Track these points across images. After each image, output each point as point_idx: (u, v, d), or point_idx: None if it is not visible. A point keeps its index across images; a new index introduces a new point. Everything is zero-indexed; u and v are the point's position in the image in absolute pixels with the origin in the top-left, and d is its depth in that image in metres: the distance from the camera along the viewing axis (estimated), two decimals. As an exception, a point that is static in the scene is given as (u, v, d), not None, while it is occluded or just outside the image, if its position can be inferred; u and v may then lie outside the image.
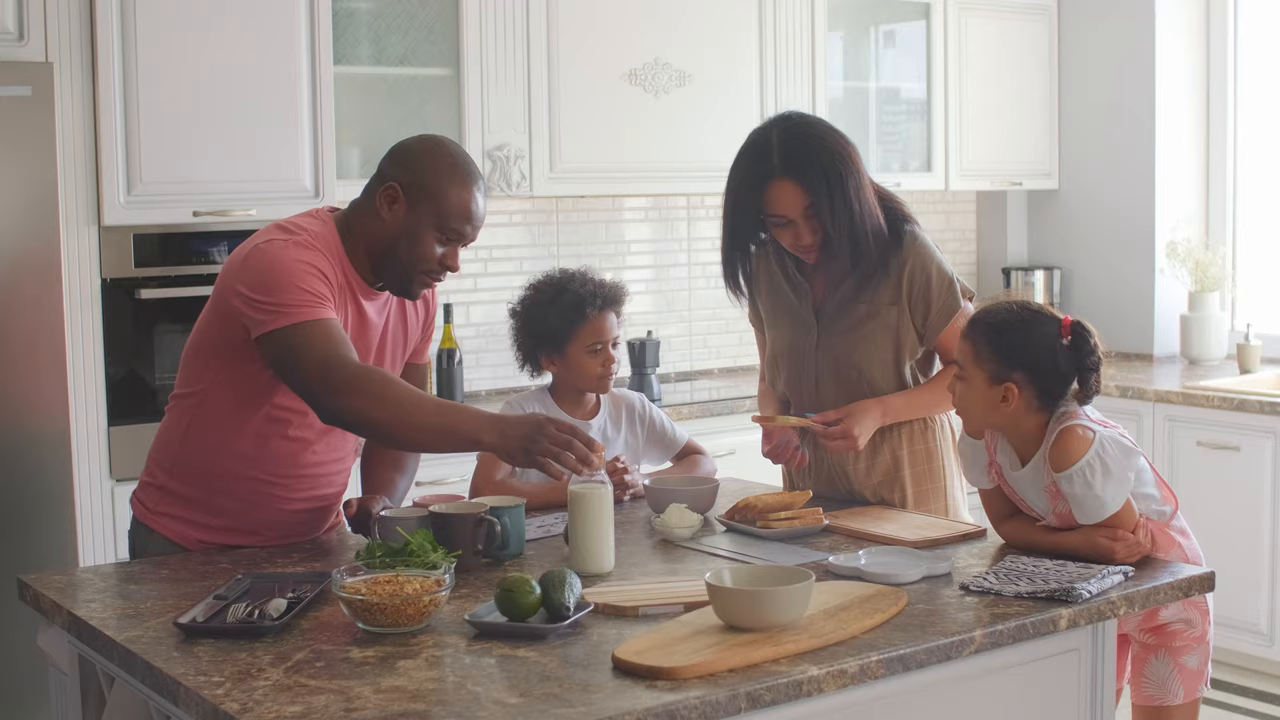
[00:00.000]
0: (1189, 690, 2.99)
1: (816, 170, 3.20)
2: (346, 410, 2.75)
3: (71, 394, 4.17)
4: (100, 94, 4.24)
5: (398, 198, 2.91)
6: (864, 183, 3.26)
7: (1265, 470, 5.22)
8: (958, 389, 2.94)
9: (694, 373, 5.99)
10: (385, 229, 2.93)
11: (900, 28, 6.23)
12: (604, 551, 2.81)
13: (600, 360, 3.43)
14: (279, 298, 2.79)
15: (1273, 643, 5.24)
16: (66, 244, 4.17)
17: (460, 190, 2.91)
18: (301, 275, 2.81)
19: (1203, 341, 6.06)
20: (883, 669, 2.30)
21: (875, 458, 3.39)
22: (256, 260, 2.85)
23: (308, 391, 2.79)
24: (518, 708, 2.06)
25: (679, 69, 5.41)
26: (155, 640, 2.39)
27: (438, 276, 2.98)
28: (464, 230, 2.93)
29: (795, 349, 3.44)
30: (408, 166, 2.94)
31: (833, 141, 3.26)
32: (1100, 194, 6.49)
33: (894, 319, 3.34)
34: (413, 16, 4.91)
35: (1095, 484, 2.75)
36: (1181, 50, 6.27)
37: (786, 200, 3.23)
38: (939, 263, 3.36)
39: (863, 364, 3.35)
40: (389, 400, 2.73)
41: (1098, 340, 2.88)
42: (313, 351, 2.76)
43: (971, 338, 2.91)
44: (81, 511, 4.20)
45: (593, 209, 5.69)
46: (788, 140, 3.24)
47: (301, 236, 2.89)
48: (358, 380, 2.74)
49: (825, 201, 3.20)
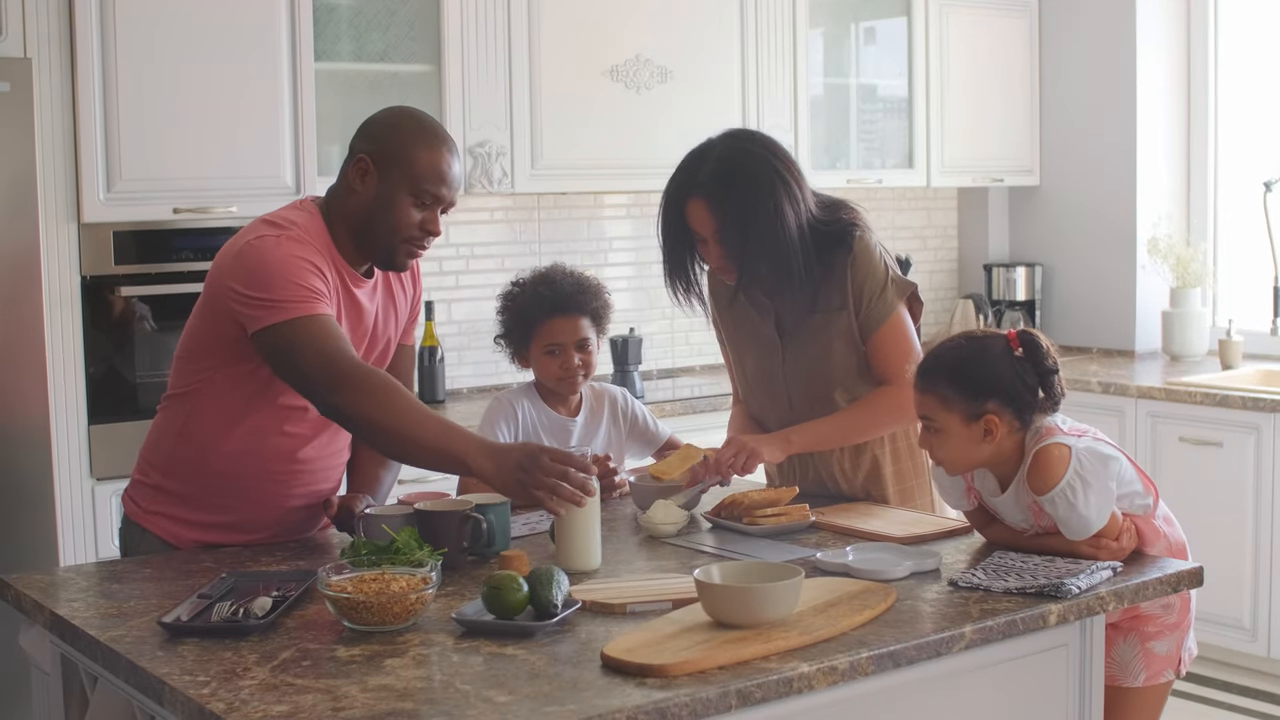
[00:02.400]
0: (1151, 675, 2.97)
1: (731, 195, 3.15)
2: (349, 405, 2.74)
3: (51, 392, 4.14)
4: (79, 90, 4.22)
5: (369, 169, 2.92)
6: (786, 209, 3.16)
7: (1247, 466, 5.23)
8: (932, 443, 2.85)
9: (676, 370, 5.98)
10: (361, 202, 2.93)
11: (881, 24, 6.23)
12: (592, 549, 2.79)
13: (558, 362, 3.41)
14: (275, 293, 2.77)
15: (1255, 638, 5.25)
16: (46, 241, 4.15)
17: (429, 153, 2.91)
18: (296, 270, 2.80)
19: (1184, 337, 6.07)
20: (873, 665, 2.29)
21: (859, 458, 3.38)
22: (249, 257, 2.83)
23: (308, 385, 2.78)
24: (507, 706, 2.05)
25: (660, 65, 5.40)
26: (139, 640, 2.37)
27: (421, 243, 2.97)
28: (439, 192, 2.92)
29: (764, 372, 3.41)
30: (374, 137, 2.95)
31: (760, 166, 3.18)
32: (1081, 190, 6.50)
33: (845, 323, 3.30)
34: (394, 13, 4.89)
35: (1078, 503, 2.72)
36: (1162, 46, 6.29)
37: (698, 219, 3.21)
38: (876, 265, 3.28)
39: (830, 374, 3.32)
40: (394, 406, 2.72)
41: (1047, 344, 2.86)
42: (313, 345, 2.75)
43: (932, 387, 2.83)
44: (62, 511, 4.18)
45: (574, 206, 5.68)
46: (718, 159, 3.19)
47: (293, 231, 2.87)
48: (360, 377, 2.74)
49: (733, 227, 3.16)
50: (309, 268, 2.82)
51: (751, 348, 3.44)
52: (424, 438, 2.72)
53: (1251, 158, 6.21)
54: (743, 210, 3.15)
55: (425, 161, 2.90)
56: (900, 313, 3.30)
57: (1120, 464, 2.84)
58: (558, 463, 2.67)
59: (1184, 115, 6.38)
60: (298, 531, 3.07)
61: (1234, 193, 6.32)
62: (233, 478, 2.96)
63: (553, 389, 3.47)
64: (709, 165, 3.19)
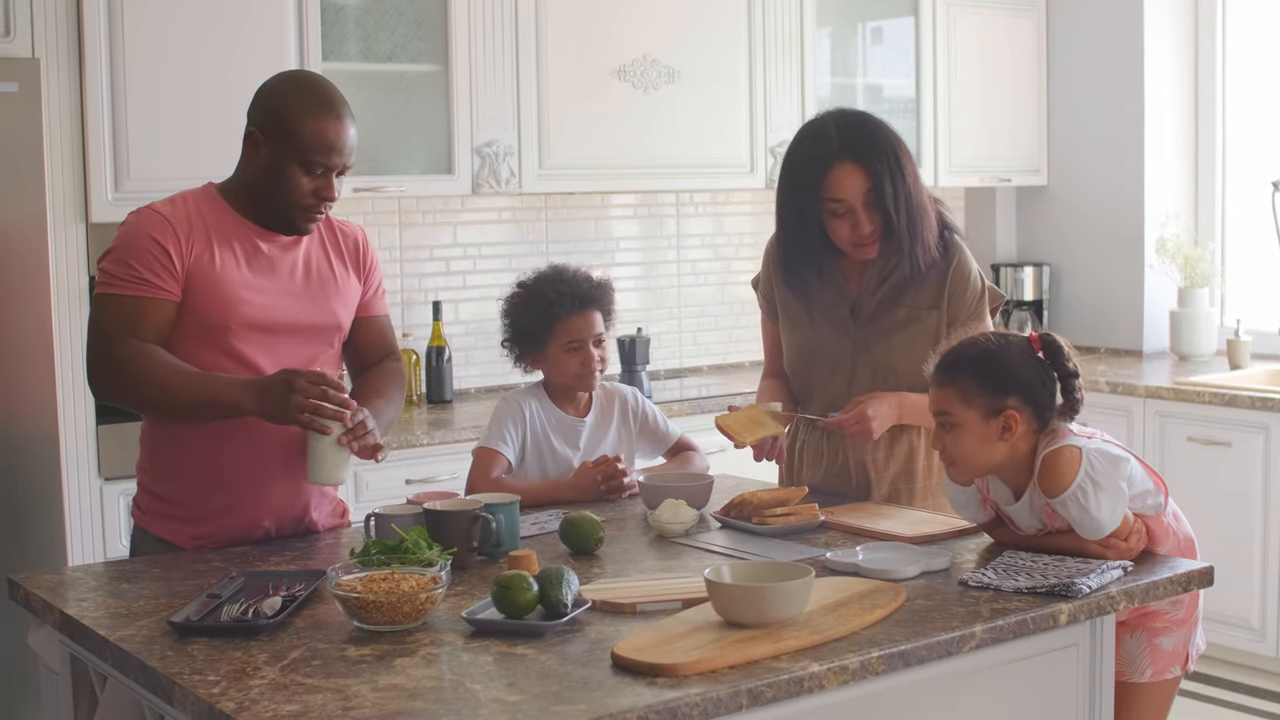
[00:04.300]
0: (1158, 670, 2.97)
1: (878, 155, 3.22)
2: (107, 385, 2.91)
3: (60, 392, 4.14)
4: (87, 90, 4.22)
5: (259, 141, 2.96)
6: (919, 177, 3.30)
7: (1256, 466, 5.22)
8: (946, 440, 2.82)
9: (684, 370, 5.98)
10: (254, 172, 2.98)
11: (888, 24, 6.22)
12: (341, 464, 2.89)
13: (579, 359, 3.42)
14: (104, 265, 2.93)
15: (1264, 638, 5.24)
16: (54, 241, 4.15)
17: (314, 121, 2.92)
18: (133, 250, 2.91)
19: (1192, 337, 6.06)
20: (883, 665, 2.28)
21: (894, 448, 3.39)
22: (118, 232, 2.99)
23: (88, 360, 2.93)
24: (517, 705, 2.04)
25: (668, 65, 5.39)
26: (149, 639, 2.36)
27: (317, 209, 3.00)
28: (328, 161, 2.94)
29: (831, 348, 3.42)
30: (263, 107, 3.00)
31: (889, 132, 3.29)
32: (1089, 190, 6.49)
33: (933, 324, 3.33)
34: (401, 13, 4.89)
35: (1090, 505, 2.72)
36: (1170, 46, 6.28)
37: (848, 184, 3.23)
38: (977, 272, 3.38)
39: (899, 367, 3.34)
40: (148, 380, 2.86)
41: (1069, 349, 2.85)
42: (101, 324, 2.90)
43: (953, 379, 2.81)
44: (70, 510, 4.18)
45: (581, 206, 5.67)
46: (846, 126, 3.27)
47: (162, 206, 2.97)
48: (121, 356, 2.86)
49: (888, 187, 3.22)
50: (151, 248, 2.90)
51: (821, 322, 3.44)
52: (186, 394, 2.86)
53: (1260, 157, 6.20)
54: (890, 168, 3.22)
55: (311, 130, 2.92)
56: (988, 323, 3.38)
57: (1130, 464, 2.83)
58: (314, 384, 2.80)
59: (1192, 114, 6.37)
60: (293, 513, 3.07)
61: (1242, 192, 6.30)
62: (209, 469, 2.98)
63: (570, 386, 3.46)
64: (846, 132, 3.25)
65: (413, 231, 5.29)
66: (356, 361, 3.23)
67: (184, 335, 2.93)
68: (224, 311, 2.93)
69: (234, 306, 2.94)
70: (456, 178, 4.96)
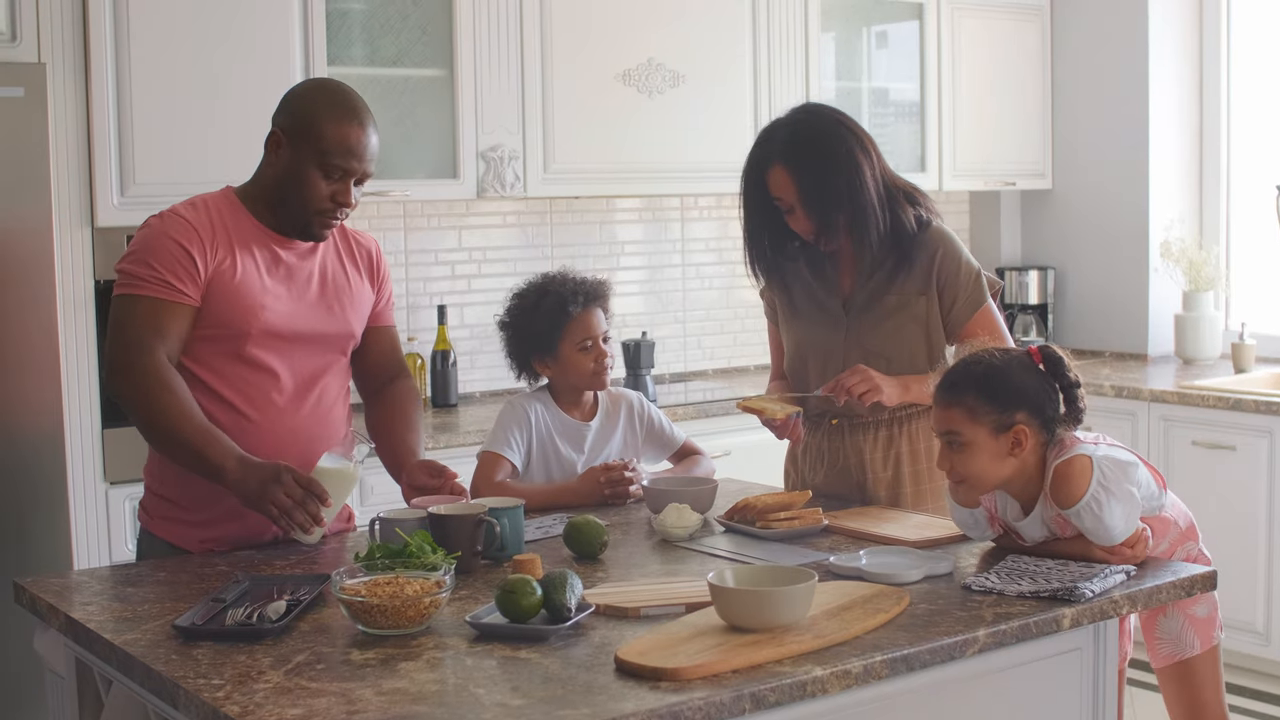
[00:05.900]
0: (1204, 639, 3.00)
1: (809, 159, 3.30)
2: (120, 392, 2.92)
3: (65, 396, 4.15)
4: (93, 95, 4.23)
5: (281, 142, 2.98)
6: (865, 174, 3.32)
7: (1261, 470, 5.22)
8: (955, 460, 2.80)
9: (688, 374, 5.98)
10: (274, 174, 3.00)
11: (893, 28, 6.22)
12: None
13: (592, 356, 3.43)
14: (126, 265, 2.94)
15: (1269, 642, 5.23)
16: (60, 245, 4.16)
17: (336, 125, 2.95)
18: (156, 251, 2.92)
19: (1197, 341, 6.06)
20: (887, 669, 2.29)
21: (890, 449, 3.41)
22: (136, 235, 3.00)
23: (107, 360, 2.94)
24: (521, 709, 2.05)
25: (672, 69, 5.40)
26: (154, 643, 2.37)
27: (334, 215, 3.02)
28: (347, 165, 2.96)
29: (823, 342, 3.47)
30: (287, 110, 3.02)
31: (831, 126, 3.36)
32: (1093, 194, 6.49)
33: (923, 309, 3.39)
34: (406, 17, 4.89)
35: (1105, 515, 2.71)
36: (1174, 49, 6.28)
37: (780, 185, 3.35)
38: (966, 254, 3.43)
39: (892, 355, 3.38)
40: (164, 405, 2.86)
41: (1068, 359, 2.86)
42: (123, 328, 2.91)
43: (958, 399, 2.79)
44: (76, 514, 4.18)
45: (586, 210, 5.68)
46: (791, 127, 3.36)
47: (184, 210, 2.98)
48: (143, 369, 2.87)
49: (813, 190, 3.30)
50: (175, 251, 2.91)
51: (815, 317, 3.48)
52: (185, 439, 2.86)
53: (1264, 160, 6.20)
54: (821, 167, 3.30)
55: (333, 134, 2.94)
56: (990, 304, 3.42)
57: (1140, 469, 2.84)
58: (300, 487, 2.82)
59: (1196, 118, 6.37)
60: None
61: (1246, 195, 6.30)
62: None
63: (583, 386, 3.46)
64: (781, 133, 3.36)
65: (418, 235, 5.30)
66: (366, 373, 3.25)
67: (201, 338, 2.95)
68: (245, 318, 2.95)
69: (255, 313, 2.96)
70: (461, 182, 4.97)
